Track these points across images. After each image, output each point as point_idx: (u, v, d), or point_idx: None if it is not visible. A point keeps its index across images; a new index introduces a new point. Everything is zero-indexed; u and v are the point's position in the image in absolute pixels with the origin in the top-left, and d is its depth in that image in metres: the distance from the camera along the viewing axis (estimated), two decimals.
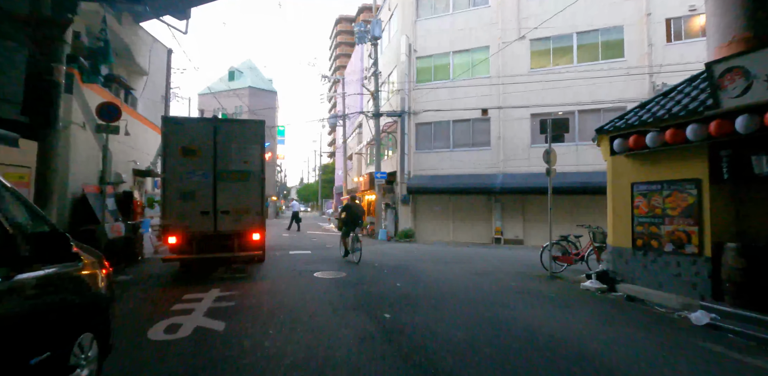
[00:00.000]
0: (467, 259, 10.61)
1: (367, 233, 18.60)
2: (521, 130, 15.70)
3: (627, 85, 14.36)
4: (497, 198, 15.96)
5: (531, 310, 5.33)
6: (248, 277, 7.26)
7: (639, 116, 6.74)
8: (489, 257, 11.06)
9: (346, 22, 76.18)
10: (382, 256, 10.81)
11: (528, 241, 15.59)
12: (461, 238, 16.65)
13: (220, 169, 7.21)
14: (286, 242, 14.66)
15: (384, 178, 17.25)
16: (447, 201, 16.99)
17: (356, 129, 28.66)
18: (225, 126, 7.38)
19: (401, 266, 8.88)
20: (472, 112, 16.28)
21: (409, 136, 17.34)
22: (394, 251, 12.43)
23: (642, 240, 6.71)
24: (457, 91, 16.67)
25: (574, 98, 14.81)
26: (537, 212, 15.58)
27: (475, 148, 16.47)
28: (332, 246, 13.02)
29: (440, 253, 12.10)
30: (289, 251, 11.42)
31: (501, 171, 15.79)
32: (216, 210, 7.13)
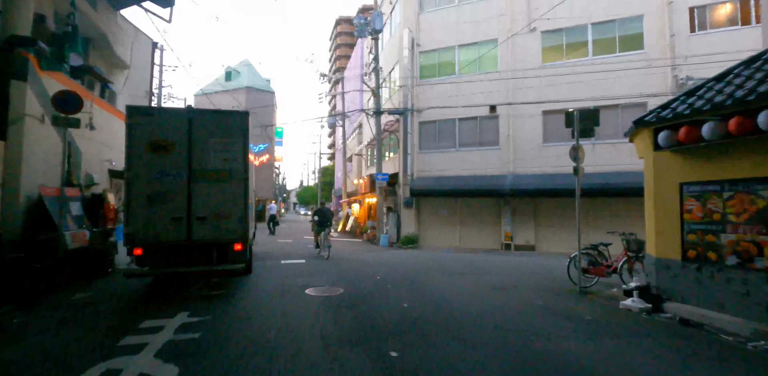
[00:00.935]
0: (480, 269, 9.52)
1: (368, 239, 17.52)
2: (532, 128, 14.65)
3: (647, 79, 13.32)
4: (507, 201, 14.89)
5: (573, 341, 4.25)
6: (227, 294, 6.19)
7: (689, 104, 5.68)
8: (503, 267, 9.97)
9: (346, 24, 75.49)
10: (384, 266, 9.73)
11: (540, 247, 14.51)
12: (468, 244, 15.56)
13: (196, 168, 6.15)
14: (280, 249, 13.59)
15: (385, 180, 16.20)
16: (453, 204, 15.92)
17: (356, 130, 27.64)
18: (202, 118, 6.32)
19: (407, 278, 7.80)
20: (479, 110, 15.24)
21: (412, 135, 16.30)
22: (397, 259, 11.35)
23: (695, 251, 5.63)
24: (463, 88, 15.65)
25: (590, 94, 13.76)
26: (550, 215, 14.51)
27: (482, 147, 15.42)
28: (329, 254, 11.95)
29: (448, 261, 11.01)
30: (281, 259, 10.34)
31: (511, 172, 14.72)
32: (190, 216, 6.06)
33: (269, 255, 11.43)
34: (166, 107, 12.42)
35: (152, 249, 5.95)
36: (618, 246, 7.89)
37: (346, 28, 74.51)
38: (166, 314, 4.93)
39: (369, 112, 16.91)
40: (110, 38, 10.72)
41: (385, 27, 19.12)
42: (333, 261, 10.30)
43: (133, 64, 12.35)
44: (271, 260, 10.23)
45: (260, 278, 7.59)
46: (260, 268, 8.85)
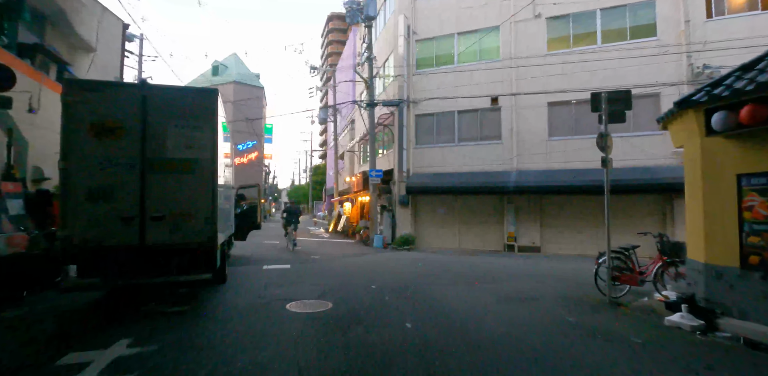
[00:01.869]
0: (488, 274, 8.48)
1: (361, 240, 16.45)
2: (537, 120, 13.67)
3: (661, 68, 12.40)
4: (510, 199, 13.90)
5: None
6: (190, 311, 5.07)
7: (751, 79, 4.69)
8: (513, 272, 8.95)
9: (338, 20, 74.28)
10: (379, 271, 8.66)
11: (546, 248, 13.54)
12: (469, 245, 14.55)
13: (152, 157, 5.03)
14: (265, 252, 12.43)
15: (379, 176, 15.12)
16: (452, 202, 14.90)
17: (348, 125, 26.53)
18: (161, 95, 5.19)
19: (407, 288, 6.73)
20: (480, 101, 14.24)
21: (408, 129, 15.24)
22: (393, 262, 10.28)
23: (759, 256, 4.65)
24: (462, 78, 14.63)
25: (599, 84, 12.79)
26: (556, 214, 13.55)
27: (484, 142, 14.41)
28: (319, 258, 10.85)
29: (450, 265, 9.97)
30: (264, 264, 9.21)
31: (515, 168, 13.74)
32: (144, 215, 4.94)
33: (252, 259, 10.30)
34: (115, 81, 11.15)
35: (95, 257, 4.82)
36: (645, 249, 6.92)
37: (338, 25, 73.37)
38: (101, 342, 3.81)
39: (362, 105, 15.81)
40: (71, 16, 9.50)
41: (379, 15, 18.04)
42: (322, 266, 9.21)
43: (100, 48, 11.11)
44: (252, 265, 9.11)
45: (235, 289, 6.47)
46: (238, 275, 7.73)
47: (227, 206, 7.77)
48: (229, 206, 8.13)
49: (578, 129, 13.28)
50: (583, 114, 13.26)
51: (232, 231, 8.74)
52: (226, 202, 7.38)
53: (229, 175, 8.84)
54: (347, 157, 25.98)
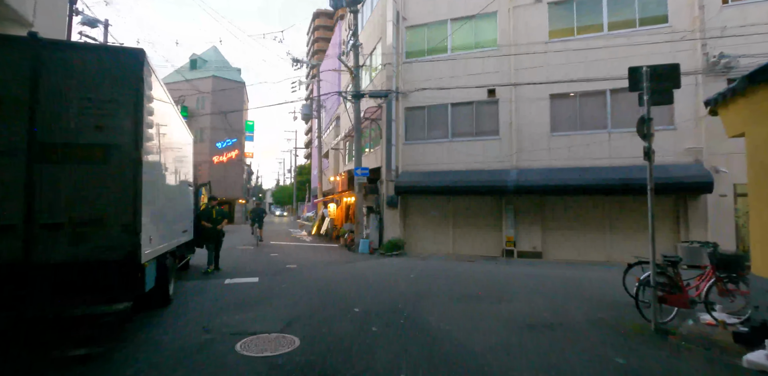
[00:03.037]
0: (493, 287, 7.20)
1: (345, 244, 15.06)
2: (539, 114, 12.50)
3: (673, 57, 11.30)
4: (509, 200, 12.69)
5: None
6: (100, 357, 3.64)
7: None
8: (520, 283, 7.69)
9: (324, 17, 72.97)
10: (364, 285, 7.30)
11: (548, 254, 12.36)
12: (464, 250, 13.30)
13: (46, 141, 3.60)
14: (235, 259, 10.94)
15: (366, 175, 13.77)
16: (445, 203, 13.63)
17: (333, 122, 25.12)
18: (61, 55, 3.76)
19: (399, 310, 5.39)
20: (476, 93, 13.02)
21: (397, 123, 13.93)
22: (380, 273, 8.95)
23: None
24: (456, 68, 13.40)
25: (606, 74, 11.70)
26: (560, 217, 12.39)
27: (480, 137, 13.18)
28: (296, 267, 9.44)
29: (447, 275, 8.67)
30: (228, 277, 7.74)
31: (514, 166, 12.54)
32: (31, 221, 3.51)
33: None
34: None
35: None
36: None
37: (324, 22, 71.99)
38: None
39: (347, 97, 14.43)
40: None
41: (366, 0, 16.70)
42: (297, 278, 7.82)
43: (39, 24, 9.48)
44: (214, 278, 7.65)
45: (178, 315, 5.03)
46: (190, 293, 6.29)
47: (180, 208, 6.36)
48: (183, 207, 6.71)
49: (583, 123, 12.16)
50: (589, 107, 12.16)
51: (187, 237, 7.30)
52: (177, 202, 5.98)
53: (187, 171, 7.42)
54: (332, 155, 24.56)
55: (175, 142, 5.75)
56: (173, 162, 5.66)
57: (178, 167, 6.09)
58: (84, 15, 17.88)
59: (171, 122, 5.62)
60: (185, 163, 7.08)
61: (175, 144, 5.76)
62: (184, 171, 6.91)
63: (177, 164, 5.99)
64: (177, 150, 5.94)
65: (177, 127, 6.06)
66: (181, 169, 6.65)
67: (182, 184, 6.71)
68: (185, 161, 7.13)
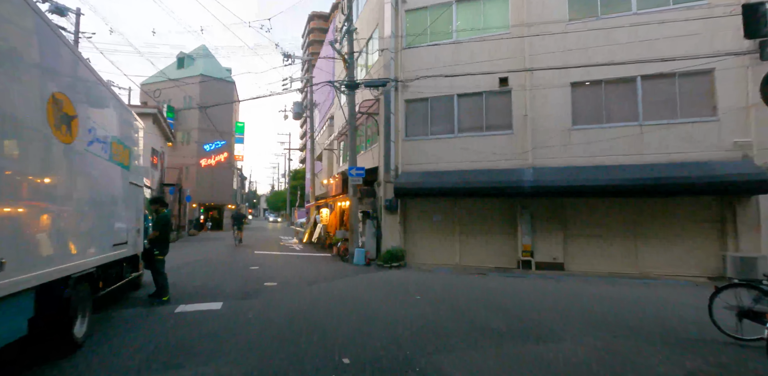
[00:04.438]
0: (524, 315, 5.57)
1: (339, 254, 13.38)
2: (557, 105, 10.96)
3: (713, 36, 9.86)
4: (525, 203, 11.11)
5: None
6: None
7: None
8: (553, 306, 6.07)
9: (319, 19, 71.99)
10: (357, 314, 5.65)
11: (571, 265, 10.75)
12: (472, 260, 11.66)
13: None
14: (204, 274, 9.26)
15: (361, 176, 12.16)
16: (451, 207, 12.03)
17: (326, 121, 23.55)
18: None
19: (405, 358, 3.75)
20: (485, 82, 11.48)
21: (396, 117, 12.37)
22: (378, 293, 7.30)
23: None
24: (462, 55, 11.87)
25: (635, 58, 10.20)
26: (583, 222, 10.81)
27: (490, 132, 11.62)
28: (276, 285, 7.76)
29: (459, 296, 7.04)
30: (184, 302, 6.04)
31: (529, 164, 10.96)
32: None
33: (178, 287, 7.15)
34: None
35: None
36: None
37: (319, 24, 70.92)
38: None
39: (340, 87, 12.86)
40: None
41: None
42: (271, 304, 6.15)
43: None
44: (168, 303, 5.95)
45: (82, 371, 3.38)
46: (122, 327, 4.63)
47: (108, 214, 4.73)
48: (115, 213, 5.08)
49: (610, 115, 10.63)
50: (616, 96, 10.64)
51: (127, 252, 5.64)
52: (100, 206, 4.36)
53: (133, 166, 5.81)
54: (325, 156, 22.95)
55: (89, 119, 4.12)
56: (86, 146, 4.03)
57: (100, 158, 4.46)
58: (52, 2, 16.32)
59: (79, 83, 4.01)
60: (125, 155, 5.45)
61: (90, 122, 4.13)
62: (122, 165, 5.28)
63: (99, 152, 4.36)
64: (96, 131, 4.30)
65: (95, 95, 4.44)
66: (117, 163, 5.03)
67: (114, 182, 5.07)
68: (126, 153, 5.50)
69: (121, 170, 5.34)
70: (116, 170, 5.11)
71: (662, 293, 7.67)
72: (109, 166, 4.81)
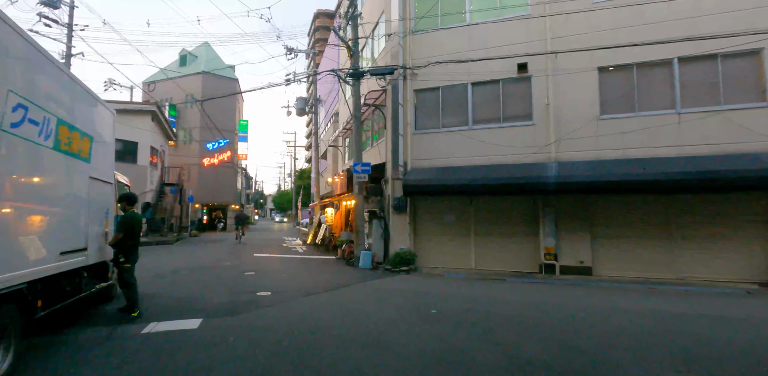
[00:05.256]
0: (566, 338, 4.57)
1: (344, 257, 12.44)
2: (583, 92, 9.90)
3: (760, 12, 8.74)
4: (548, 201, 10.08)
5: None
6: None
7: None
8: (597, 323, 5.06)
9: (325, 18, 71.21)
10: (360, 336, 4.69)
11: (600, 269, 9.69)
12: (489, 263, 10.65)
13: None
14: (191, 281, 8.36)
15: (367, 172, 11.22)
16: (465, 206, 11.02)
17: (332, 118, 22.63)
18: None
19: None
20: (502, 68, 10.45)
21: (405, 108, 11.39)
22: (385, 303, 6.34)
23: None
24: (476, 39, 10.85)
25: (671, 37, 9.11)
26: (613, 222, 9.74)
27: (508, 123, 10.59)
28: (270, 295, 6.82)
29: (479, 309, 6.05)
30: (158, 319, 5.12)
31: (553, 158, 9.92)
32: None
33: (158, 298, 6.25)
34: None
35: None
36: None
37: (324, 22, 70.18)
38: None
39: (345, 77, 11.91)
40: None
41: None
42: (260, 321, 5.21)
43: None
44: (137, 322, 5.04)
45: None
46: (69, 357, 3.72)
47: (57, 213, 3.82)
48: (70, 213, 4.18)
49: (643, 103, 9.55)
50: (650, 81, 9.55)
51: (89, 259, 4.75)
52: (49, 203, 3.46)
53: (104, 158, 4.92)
54: (330, 154, 22.04)
55: (15, 93, 3.21)
56: (8, 128, 3.13)
57: (39, 145, 3.55)
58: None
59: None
60: (83, 145, 4.55)
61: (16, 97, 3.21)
62: (78, 157, 4.38)
63: (33, 137, 3.45)
64: (30, 112, 3.38)
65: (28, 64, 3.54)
66: (69, 153, 4.13)
67: (64, 177, 4.17)
68: (85, 143, 4.60)
69: (77, 163, 4.44)
70: (68, 162, 4.21)
71: (718, 306, 6.61)
72: (55, 157, 3.91)
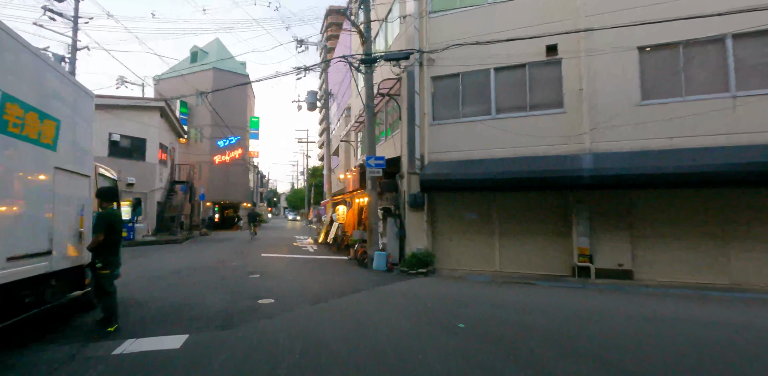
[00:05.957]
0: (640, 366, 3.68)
1: (356, 257, 11.66)
2: (621, 75, 8.88)
3: None
4: (581, 197, 9.11)
5: None
6: None
7: None
8: (670, 343, 4.15)
9: (337, 14, 70.50)
10: (374, 352, 3.90)
11: (641, 273, 8.69)
12: (515, 266, 9.73)
13: None
14: (188, 285, 7.66)
15: (381, 166, 10.39)
16: (488, 203, 10.11)
17: (343, 113, 21.87)
18: None
19: None
20: (529, 50, 9.50)
21: (421, 97, 10.52)
22: (403, 314, 5.52)
23: None
24: (499, 19, 9.90)
25: (722, 8, 8.01)
26: (656, 220, 8.72)
27: (536, 111, 9.63)
28: (273, 303, 6.06)
29: (511, 319, 5.18)
30: (136, 333, 4.40)
31: (587, 149, 8.94)
32: None
33: (146, 307, 5.55)
34: None
35: None
36: None
37: (337, 19, 69.50)
38: None
39: (357, 64, 11.09)
40: None
41: None
42: (260, 337, 4.45)
43: None
44: (112, 339, 4.31)
45: None
46: None
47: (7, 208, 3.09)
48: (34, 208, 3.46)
49: (690, 85, 8.48)
50: (699, 62, 8.48)
51: (54, 265, 4.03)
52: None
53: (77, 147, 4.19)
54: (342, 150, 21.29)
55: None
56: None
57: None
58: None
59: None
60: (46, 131, 3.83)
61: None
62: (37, 143, 3.65)
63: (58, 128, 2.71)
64: None
65: None
66: (23, 138, 3.40)
67: (14, 167, 3.44)
68: (49, 127, 3.88)
69: (35, 150, 3.73)
70: (18, 148, 3.48)
71: None
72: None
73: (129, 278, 7.37)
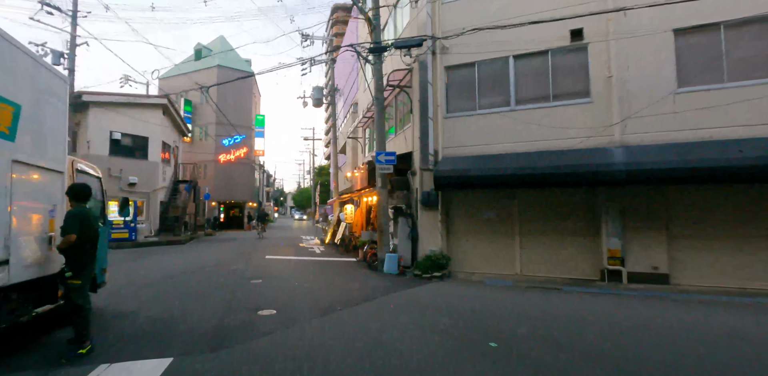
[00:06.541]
0: None
1: (365, 259, 10.98)
2: (656, 61, 8.09)
3: None
4: (611, 194, 8.34)
5: None
6: None
7: None
8: None
9: (343, 12, 69.88)
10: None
11: (678, 277, 7.91)
12: (538, 269, 8.99)
13: None
14: (181, 293, 7.03)
15: (392, 162, 9.70)
16: (508, 201, 9.38)
17: (350, 109, 21.20)
18: None
19: None
20: (551, 35, 8.73)
21: (434, 88, 9.80)
22: (422, 330, 4.83)
23: None
24: (518, 3, 9.15)
25: None
26: (698, 219, 7.92)
27: (559, 102, 8.88)
28: (275, 314, 5.39)
29: (550, 336, 4.49)
30: (111, 356, 3.76)
31: (618, 142, 8.16)
32: None
33: (130, 320, 4.93)
34: None
35: None
36: None
37: (342, 17, 68.89)
38: None
39: (365, 53, 10.40)
40: None
41: None
42: (256, 361, 3.77)
43: None
44: (85, 362, 3.68)
45: None
46: None
47: None
48: None
49: (733, 70, 7.67)
50: (743, 44, 7.66)
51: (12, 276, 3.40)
52: None
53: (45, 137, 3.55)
54: (349, 147, 20.63)
55: None
56: None
57: None
58: None
59: None
60: (2, 116, 3.18)
61: None
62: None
63: None
64: None
65: None
66: None
67: None
68: (5, 113, 3.24)
69: None
70: None
71: None
72: None
73: (118, 284, 6.77)
